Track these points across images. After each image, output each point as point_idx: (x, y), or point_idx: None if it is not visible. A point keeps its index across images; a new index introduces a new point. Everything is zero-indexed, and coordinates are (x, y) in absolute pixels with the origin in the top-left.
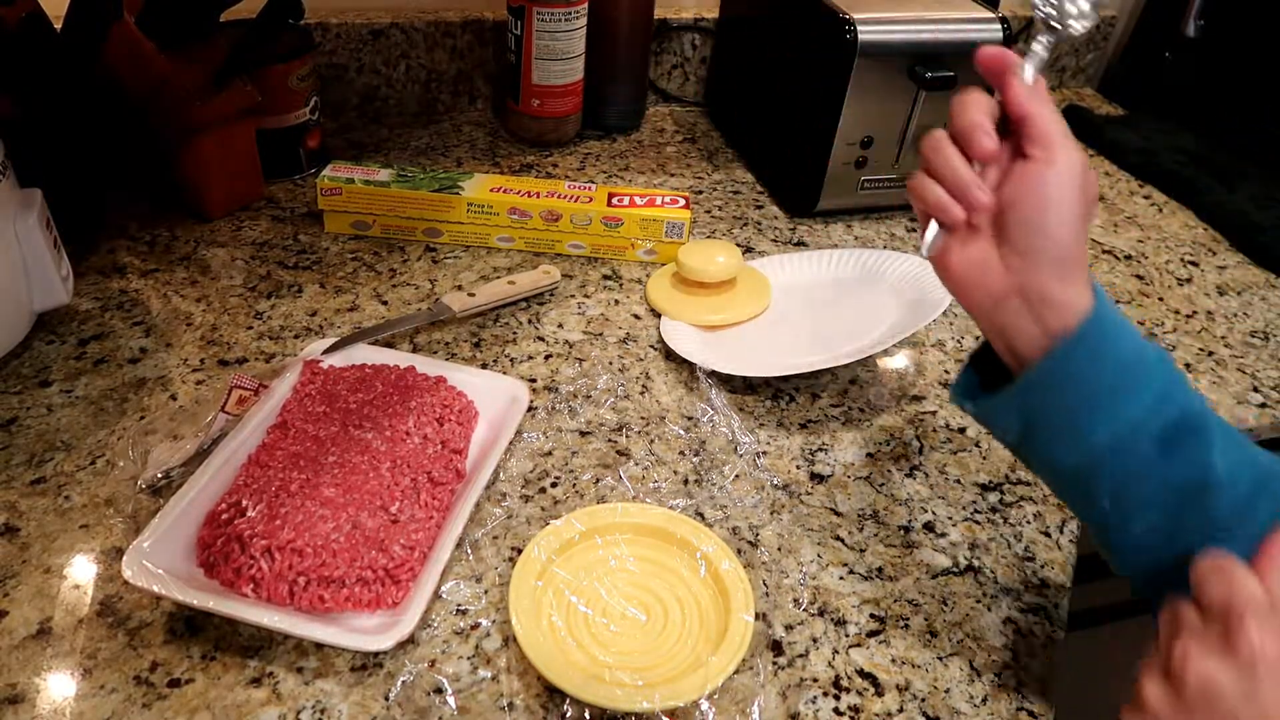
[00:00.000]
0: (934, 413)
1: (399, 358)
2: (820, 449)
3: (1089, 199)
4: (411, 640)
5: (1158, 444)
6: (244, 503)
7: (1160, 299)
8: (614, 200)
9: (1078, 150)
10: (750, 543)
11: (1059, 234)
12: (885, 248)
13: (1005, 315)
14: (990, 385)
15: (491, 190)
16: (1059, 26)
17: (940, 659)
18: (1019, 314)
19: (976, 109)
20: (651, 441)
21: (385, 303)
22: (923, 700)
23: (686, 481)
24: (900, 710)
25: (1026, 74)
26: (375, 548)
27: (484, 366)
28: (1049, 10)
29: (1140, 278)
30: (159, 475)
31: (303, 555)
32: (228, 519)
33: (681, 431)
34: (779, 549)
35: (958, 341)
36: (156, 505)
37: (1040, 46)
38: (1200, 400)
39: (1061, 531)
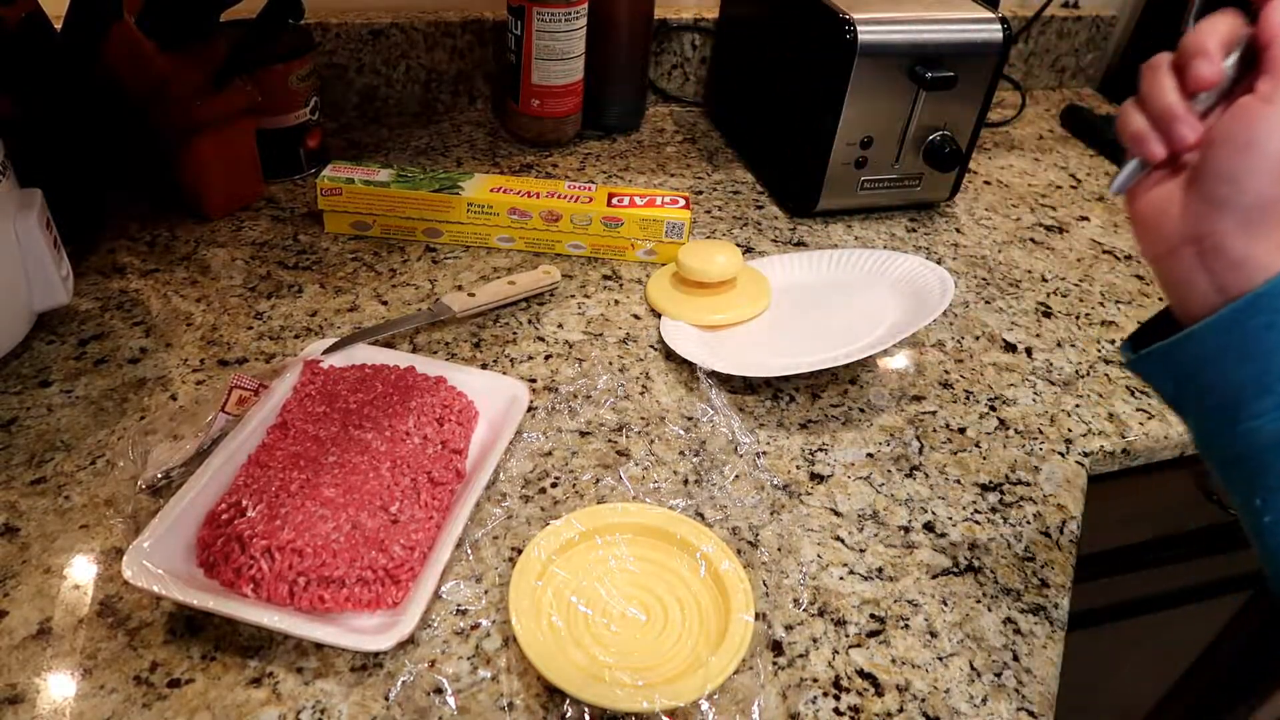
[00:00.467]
0: (934, 413)
1: (399, 358)
2: (820, 449)
3: None
4: (411, 640)
5: None
6: (244, 503)
7: (1160, 299)
8: (614, 200)
9: None
10: (750, 543)
11: (1253, 182)
12: (885, 248)
13: (1177, 268)
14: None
15: (491, 190)
16: None
17: (940, 659)
18: (1192, 268)
19: (1210, 32)
20: (651, 441)
21: (385, 303)
22: (923, 700)
23: (686, 481)
24: (900, 710)
25: None
26: (375, 548)
27: (484, 366)
28: None
29: (1140, 278)
30: (159, 475)
31: (303, 555)
32: (228, 519)
33: (681, 431)
34: (779, 549)
35: (958, 341)
36: (156, 505)
37: None
38: None
39: (1061, 531)
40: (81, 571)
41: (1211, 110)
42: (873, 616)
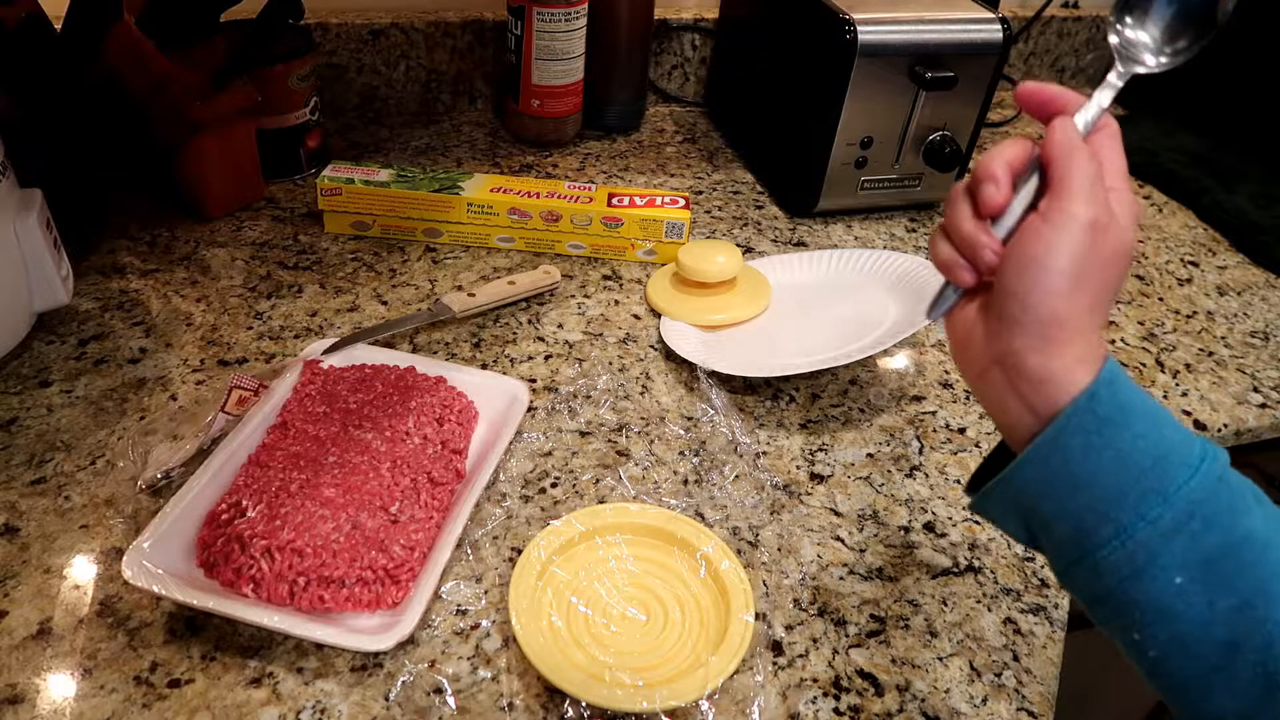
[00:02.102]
0: (934, 413)
1: (399, 358)
2: (820, 449)
3: (1103, 260)
4: (411, 640)
5: (1192, 575)
6: (244, 503)
7: (1160, 299)
8: (614, 200)
9: (1101, 205)
10: (750, 543)
11: (1040, 299)
12: (885, 248)
13: (990, 390)
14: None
15: (491, 190)
16: (1132, 60)
17: (940, 659)
18: (1003, 389)
19: (998, 157)
20: (651, 441)
21: (385, 303)
22: (923, 700)
23: (686, 481)
24: (900, 710)
25: (1085, 115)
26: (375, 548)
27: (484, 366)
28: (1121, 39)
29: (1140, 278)
30: (159, 475)
31: (303, 555)
32: (228, 519)
33: (681, 431)
34: (779, 549)
35: None
36: (156, 505)
37: (1111, 81)
38: (1263, 517)
39: None
40: (81, 571)
41: (1013, 233)
42: (873, 616)
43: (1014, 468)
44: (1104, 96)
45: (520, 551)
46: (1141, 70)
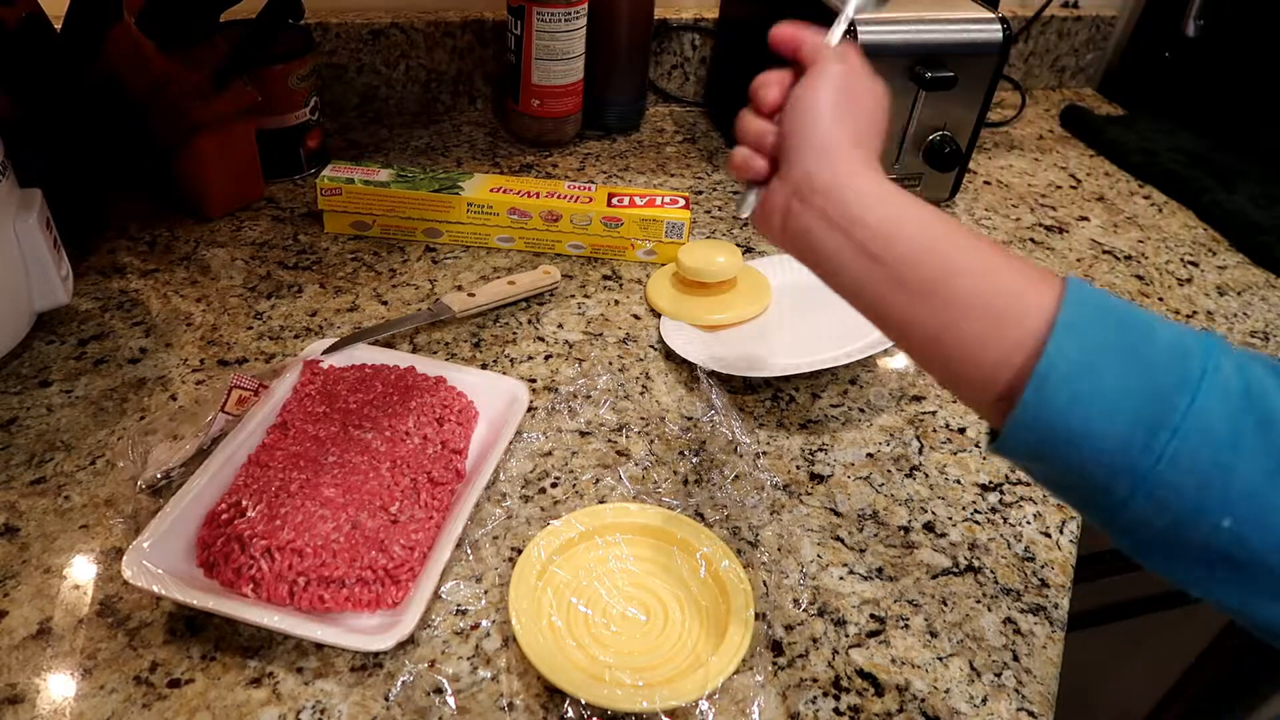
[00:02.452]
0: (934, 413)
1: (399, 358)
2: (820, 449)
3: (858, 99)
4: (411, 640)
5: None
6: (244, 503)
7: (1160, 299)
8: (614, 200)
9: (851, 61)
10: (750, 543)
11: (809, 128)
12: None
13: (797, 229)
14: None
15: (491, 190)
16: None
17: (940, 659)
18: (806, 220)
19: (766, 75)
20: (651, 441)
21: (385, 303)
22: (923, 700)
23: (686, 481)
24: (900, 710)
25: (832, 35)
26: (375, 548)
27: (484, 366)
28: None
29: (1140, 278)
30: (159, 475)
31: (303, 555)
32: (228, 519)
33: (681, 431)
34: (779, 549)
35: None
36: (156, 505)
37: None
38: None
39: (1061, 531)
40: (81, 571)
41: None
42: (873, 616)
43: (1006, 435)
44: (850, 8)
45: (520, 551)
46: None
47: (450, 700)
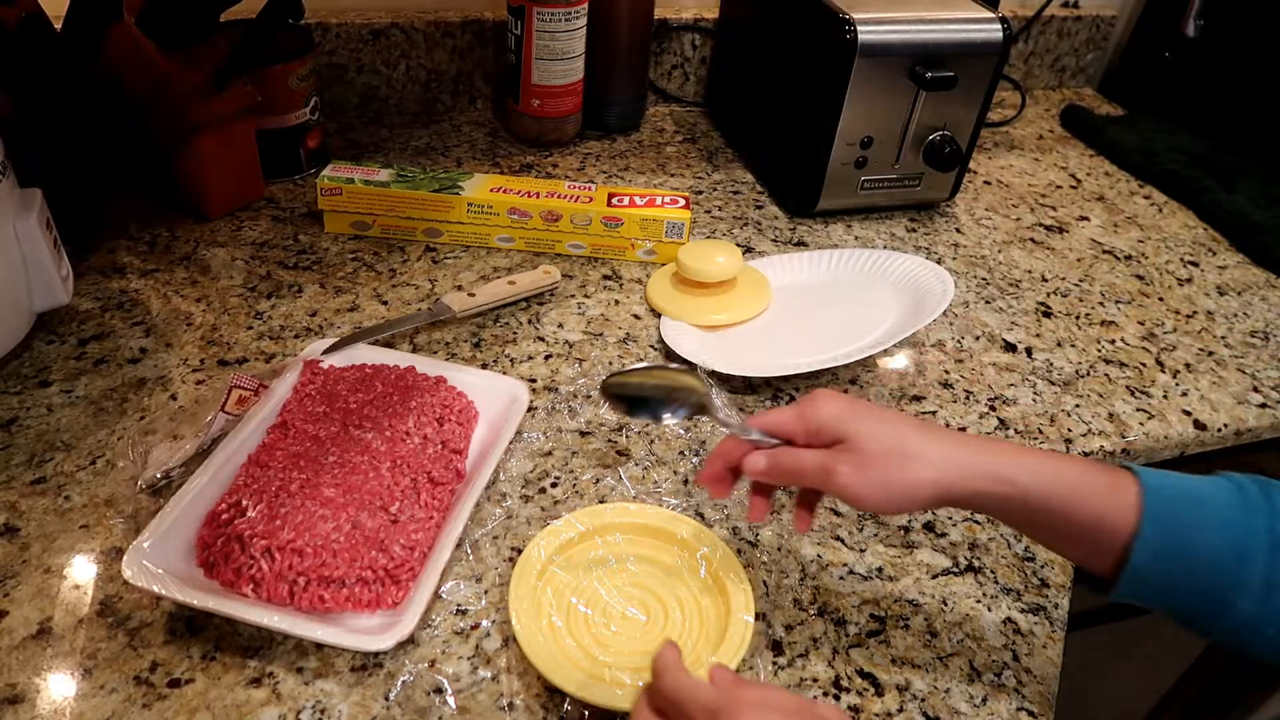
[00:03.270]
0: (934, 413)
1: (399, 358)
2: None
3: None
4: (411, 640)
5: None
6: (244, 503)
7: (1160, 299)
8: (614, 200)
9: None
10: (750, 543)
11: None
12: (885, 248)
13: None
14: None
15: (491, 190)
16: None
17: (940, 659)
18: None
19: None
20: (651, 441)
21: (385, 303)
22: (923, 700)
23: (686, 481)
24: (900, 710)
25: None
26: (375, 548)
27: (484, 366)
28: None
29: (1140, 278)
30: (159, 475)
31: (303, 555)
32: (228, 519)
33: (681, 431)
34: (779, 549)
35: (958, 341)
36: (156, 505)
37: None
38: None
39: None
40: (81, 571)
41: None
42: (873, 616)
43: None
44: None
45: (520, 551)
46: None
47: (450, 700)
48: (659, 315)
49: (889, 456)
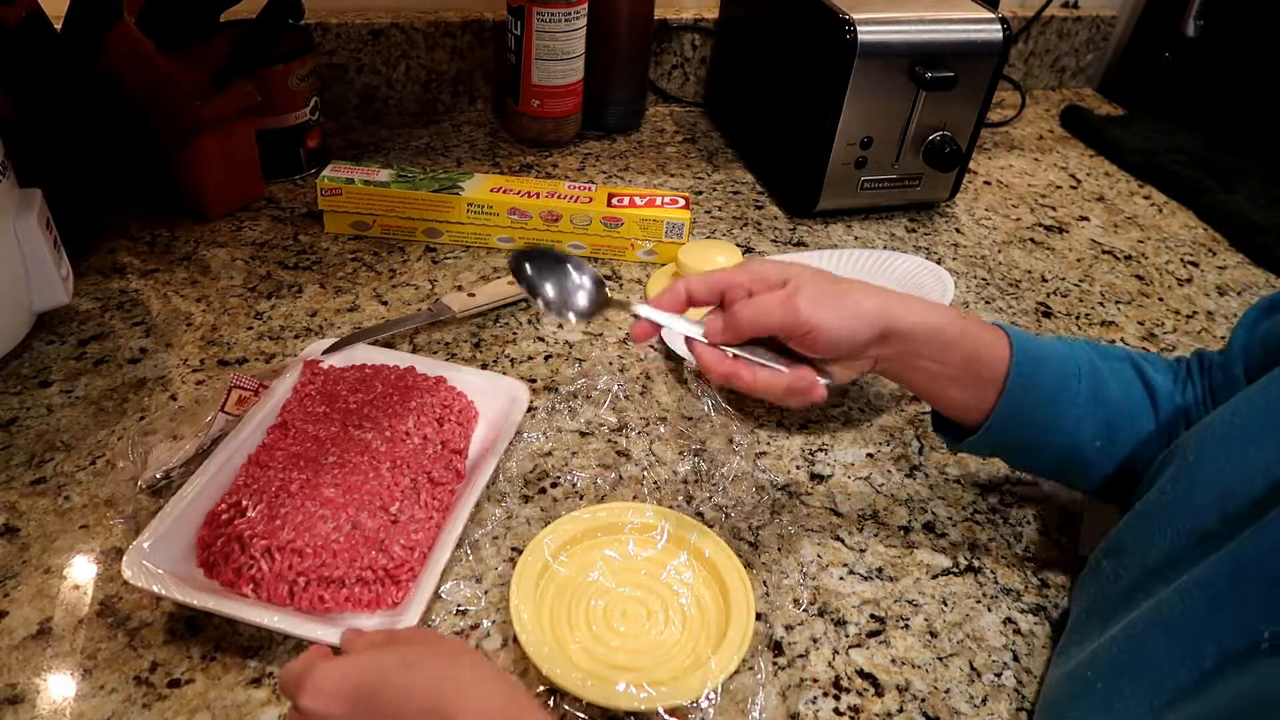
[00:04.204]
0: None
1: (399, 358)
2: (820, 449)
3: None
4: None
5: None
6: (244, 503)
7: (1160, 299)
8: (614, 200)
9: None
10: (750, 543)
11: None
12: (885, 248)
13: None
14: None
15: (491, 190)
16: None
17: (940, 659)
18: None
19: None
20: (651, 441)
21: (385, 303)
22: (923, 700)
23: (686, 481)
24: (900, 710)
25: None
26: (375, 548)
27: (484, 367)
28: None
29: (1140, 278)
30: (159, 475)
31: (303, 555)
32: (228, 519)
33: (681, 431)
34: (779, 549)
35: None
36: (156, 505)
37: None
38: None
39: (1061, 531)
40: (81, 571)
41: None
42: (873, 616)
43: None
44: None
45: (520, 551)
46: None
47: None
48: None
49: (834, 290)
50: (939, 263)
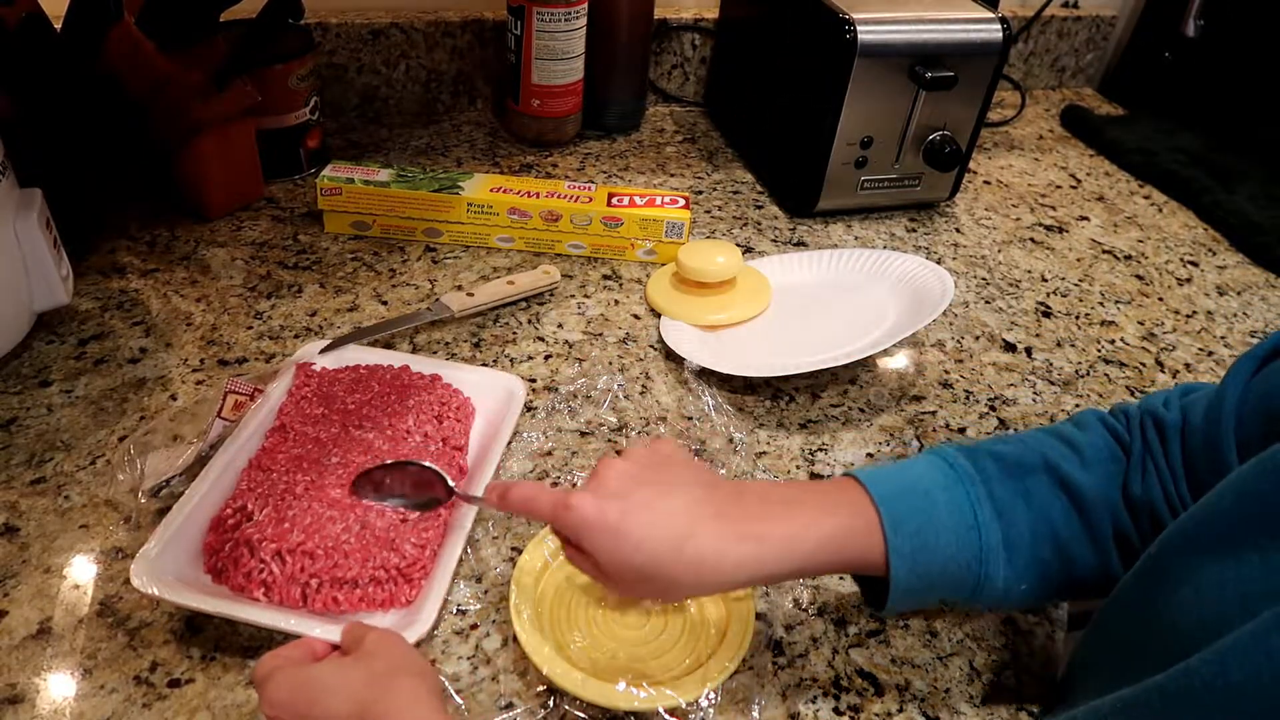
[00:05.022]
0: (934, 413)
1: (398, 358)
2: (820, 449)
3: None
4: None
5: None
6: (249, 506)
7: (1160, 299)
8: (614, 200)
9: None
10: None
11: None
12: (885, 248)
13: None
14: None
15: (491, 190)
16: None
17: (940, 659)
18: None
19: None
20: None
21: (385, 303)
22: (923, 700)
23: None
24: (900, 710)
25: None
26: (387, 547)
27: (484, 366)
28: None
29: (1140, 278)
30: (158, 484)
31: (314, 557)
32: (234, 523)
33: (681, 431)
34: None
35: (958, 341)
36: (158, 510)
37: None
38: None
39: None
40: (81, 571)
41: None
42: (873, 616)
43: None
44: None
45: (520, 551)
46: None
47: (450, 700)
48: (659, 315)
49: (637, 583)
50: (939, 262)
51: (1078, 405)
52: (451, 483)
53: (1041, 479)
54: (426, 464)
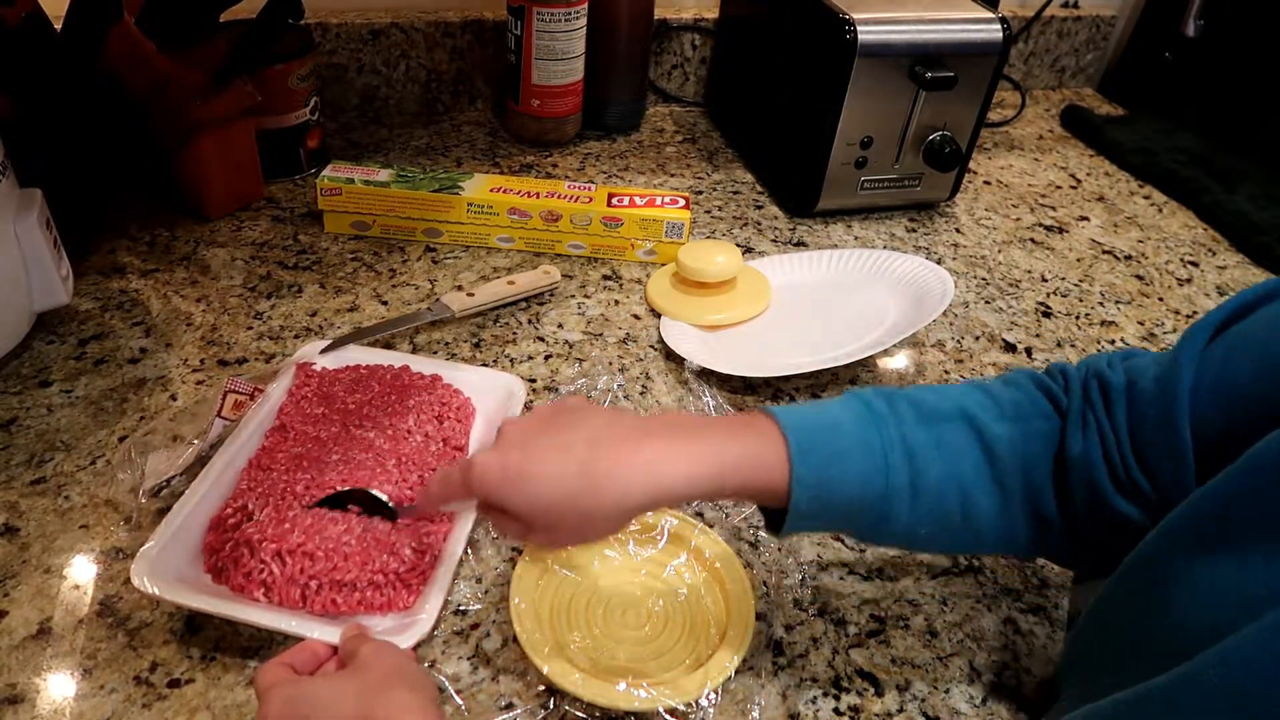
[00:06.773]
0: None
1: (398, 358)
2: None
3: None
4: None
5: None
6: (250, 506)
7: (1160, 299)
8: (614, 200)
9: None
10: (750, 543)
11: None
12: (885, 248)
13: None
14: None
15: (491, 190)
16: None
17: (940, 659)
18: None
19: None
20: None
21: (385, 303)
22: (923, 700)
23: None
24: (900, 710)
25: None
26: (387, 551)
27: (484, 366)
28: None
29: (1140, 278)
30: (158, 484)
31: (314, 559)
32: (235, 523)
33: None
34: (779, 549)
35: (957, 341)
36: (158, 510)
37: None
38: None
39: None
40: (81, 571)
41: None
42: (873, 616)
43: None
44: None
45: (520, 551)
46: None
47: (450, 700)
48: (659, 315)
49: (555, 526)
50: (939, 263)
51: None
52: (392, 505)
53: (958, 427)
54: (372, 490)
